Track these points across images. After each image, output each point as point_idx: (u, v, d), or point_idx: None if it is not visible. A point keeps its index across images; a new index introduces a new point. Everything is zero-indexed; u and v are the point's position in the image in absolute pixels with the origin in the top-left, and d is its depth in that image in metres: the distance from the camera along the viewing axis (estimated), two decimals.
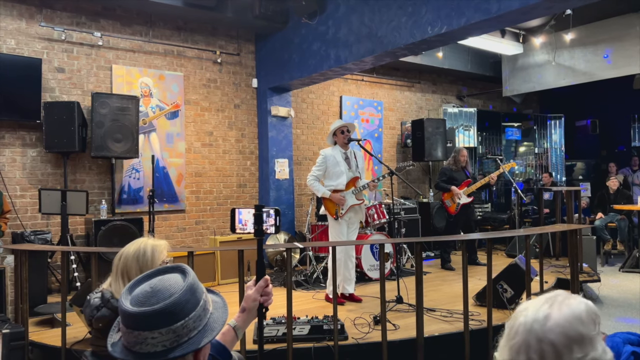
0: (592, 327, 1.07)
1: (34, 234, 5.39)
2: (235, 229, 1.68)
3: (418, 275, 3.78)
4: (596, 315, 1.10)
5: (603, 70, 8.18)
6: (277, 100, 7.53)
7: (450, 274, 6.63)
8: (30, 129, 5.84)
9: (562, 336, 1.04)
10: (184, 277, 1.09)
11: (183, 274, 1.10)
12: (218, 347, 1.47)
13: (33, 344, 4.00)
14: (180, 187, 6.94)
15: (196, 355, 1.07)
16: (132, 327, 1.02)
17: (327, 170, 5.06)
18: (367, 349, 3.82)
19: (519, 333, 1.07)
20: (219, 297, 1.21)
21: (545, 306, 1.08)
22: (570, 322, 1.05)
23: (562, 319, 1.06)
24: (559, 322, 1.05)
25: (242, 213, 1.68)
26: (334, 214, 5.01)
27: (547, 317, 1.06)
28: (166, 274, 1.10)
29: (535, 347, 1.04)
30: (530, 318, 1.07)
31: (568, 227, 5.19)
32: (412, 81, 9.52)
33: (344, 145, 5.12)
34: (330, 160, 5.04)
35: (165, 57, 6.87)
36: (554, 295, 1.13)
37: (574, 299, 1.12)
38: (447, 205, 6.90)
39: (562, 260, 7.14)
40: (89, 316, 1.96)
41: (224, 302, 1.21)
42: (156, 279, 1.08)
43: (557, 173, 10.97)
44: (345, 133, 5.11)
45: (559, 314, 1.06)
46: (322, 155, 5.10)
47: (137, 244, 1.93)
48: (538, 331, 1.05)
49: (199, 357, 1.08)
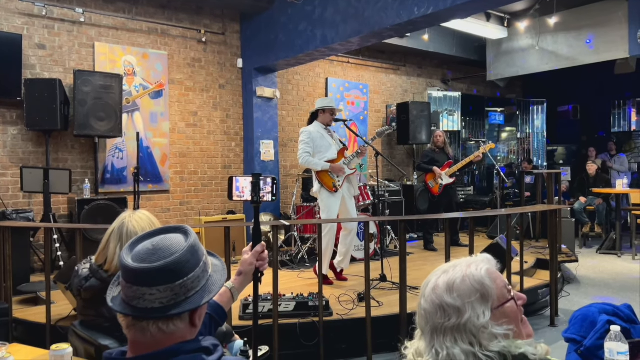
0: (471, 295, 1.11)
1: (16, 213, 5.32)
2: (233, 196, 1.71)
3: (402, 252, 3.84)
4: (482, 285, 1.12)
5: (585, 56, 8.29)
6: (262, 81, 7.48)
7: (432, 255, 6.74)
8: (11, 106, 5.73)
9: (432, 301, 1.14)
10: (185, 237, 1.11)
11: (185, 234, 1.12)
12: (215, 306, 1.51)
13: (17, 321, 3.99)
14: (164, 167, 6.89)
15: (192, 314, 1.09)
16: (132, 281, 1.04)
17: (315, 145, 4.99)
18: (352, 325, 3.89)
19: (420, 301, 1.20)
20: (218, 261, 1.24)
21: (439, 272, 1.20)
22: (445, 291, 1.14)
23: (441, 286, 1.15)
24: (438, 292, 1.15)
25: (240, 181, 1.70)
26: (332, 187, 4.97)
27: (434, 288, 1.16)
28: (169, 233, 1.12)
29: (418, 310, 1.19)
30: (430, 283, 1.19)
31: (548, 207, 5.31)
32: (398, 64, 9.53)
33: (325, 123, 5.11)
34: (316, 135, 5.00)
35: (149, 36, 6.77)
36: (463, 259, 1.21)
37: (472, 267, 1.16)
38: (430, 186, 6.99)
39: (541, 242, 7.30)
40: (77, 286, 1.97)
41: (223, 265, 1.23)
42: (158, 238, 1.10)
43: (538, 158, 11.14)
44: (332, 114, 5.11)
45: (442, 281, 1.16)
46: (307, 132, 5.02)
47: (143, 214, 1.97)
48: (423, 296, 1.18)
49: (195, 317, 1.10)
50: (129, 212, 2.01)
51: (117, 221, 1.97)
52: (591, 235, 8.42)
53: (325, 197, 5.00)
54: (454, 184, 7.02)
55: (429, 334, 1.12)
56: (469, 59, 9.85)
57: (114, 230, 1.95)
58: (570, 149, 11.52)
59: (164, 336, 1.05)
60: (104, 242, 1.96)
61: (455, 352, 1.06)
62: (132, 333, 1.06)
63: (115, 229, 1.94)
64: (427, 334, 1.13)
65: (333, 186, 4.97)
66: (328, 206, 4.97)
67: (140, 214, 2.00)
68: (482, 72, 9.97)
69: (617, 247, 7.46)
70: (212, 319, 1.51)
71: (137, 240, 1.11)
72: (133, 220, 1.95)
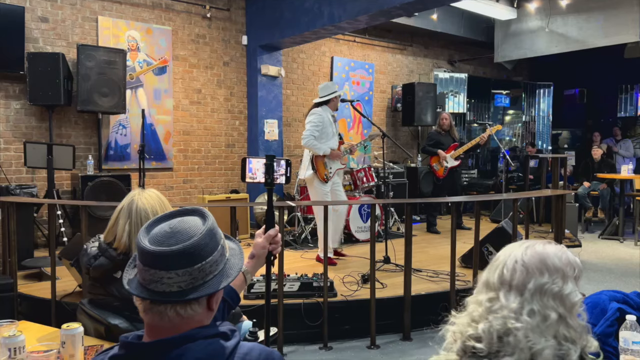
0: (570, 269, 1.12)
1: (20, 188, 5.30)
2: (246, 177, 1.68)
3: (408, 235, 3.83)
4: (577, 265, 1.15)
5: (595, 38, 8.16)
6: (267, 59, 7.38)
7: (435, 237, 6.74)
8: (14, 80, 5.67)
9: (536, 260, 1.11)
10: (203, 220, 1.08)
11: (203, 217, 1.09)
12: (229, 290, 1.50)
13: (22, 296, 4.00)
14: (168, 145, 6.85)
15: (210, 299, 1.07)
16: (149, 265, 1.01)
17: (322, 130, 4.92)
18: (356, 306, 3.90)
19: (500, 256, 1.16)
20: (235, 244, 1.21)
21: (532, 242, 1.17)
22: (549, 254, 1.12)
23: (542, 250, 1.13)
24: (539, 251, 1.13)
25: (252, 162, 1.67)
26: (324, 177, 4.98)
27: (528, 247, 1.14)
28: (186, 215, 1.09)
29: (509, 265, 1.12)
30: (515, 245, 1.17)
31: (554, 192, 5.28)
32: (404, 44, 9.40)
33: (334, 108, 5.08)
34: (325, 121, 4.93)
35: (153, 10, 6.66)
36: (543, 239, 1.19)
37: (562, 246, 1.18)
38: (435, 169, 6.94)
39: (544, 227, 7.30)
40: (86, 264, 1.95)
41: (240, 249, 1.21)
42: (176, 220, 1.07)
43: (542, 142, 11.08)
44: (337, 100, 5.09)
45: (541, 247, 1.14)
46: (320, 117, 4.91)
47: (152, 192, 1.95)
48: (517, 254, 1.13)
49: (212, 301, 1.08)
50: (138, 190, 1.98)
51: (126, 199, 1.95)
52: (594, 220, 8.40)
53: (316, 184, 5.00)
54: (459, 166, 6.98)
55: (528, 293, 1.09)
56: (477, 40, 9.71)
57: (123, 208, 1.93)
58: (575, 134, 11.45)
59: (181, 320, 1.03)
60: (113, 219, 1.94)
61: (552, 316, 1.06)
62: (149, 317, 1.04)
63: (125, 206, 1.92)
64: (521, 293, 1.09)
65: (325, 176, 4.98)
66: (320, 193, 4.98)
67: (150, 192, 1.98)
68: (489, 54, 9.84)
69: (620, 233, 7.45)
70: (225, 303, 1.50)
71: (154, 223, 1.08)
72: (142, 198, 1.93)
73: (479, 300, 1.14)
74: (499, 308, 1.09)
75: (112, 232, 1.93)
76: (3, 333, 1.51)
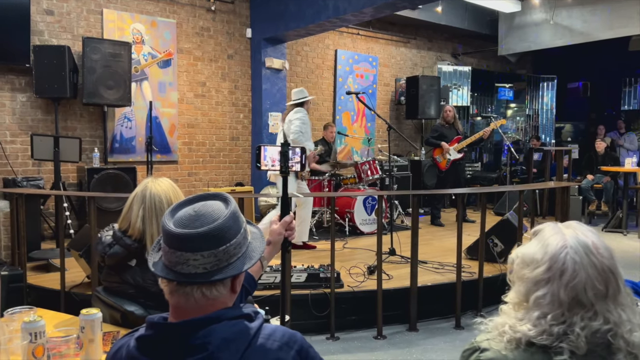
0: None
1: (26, 180, 5.33)
2: (261, 165, 1.69)
3: (414, 227, 3.85)
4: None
5: (600, 31, 8.14)
6: (271, 52, 7.38)
7: (440, 230, 6.76)
8: (20, 73, 5.68)
9: (612, 259, 1.07)
10: (226, 204, 1.10)
11: (225, 201, 1.11)
12: (247, 276, 1.52)
13: (31, 287, 4.03)
14: (172, 137, 6.86)
15: (233, 280, 1.10)
16: (175, 247, 1.03)
17: (306, 130, 5.14)
18: (362, 297, 3.93)
19: (577, 270, 1.05)
20: (256, 229, 1.23)
21: (578, 236, 1.09)
22: (605, 246, 1.08)
23: (599, 243, 1.08)
24: (600, 246, 1.08)
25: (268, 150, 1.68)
26: (301, 176, 5.26)
27: (593, 246, 1.07)
28: (208, 200, 1.11)
29: (600, 277, 1.05)
30: (580, 252, 1.06)
31: (559, 184, 5.29)
32: (408, 37, 9.39)
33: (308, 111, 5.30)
34: (308, 121, 5.18)
35: (157, 3, 6.65)
36: (568, 227, 1.14)
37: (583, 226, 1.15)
38: (438, 161, 6.95)
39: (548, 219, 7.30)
40: (101, 253, 1.97)
41: (261, 233, 1.23)
42: (199, 204, 1.10)
43: (546, 135, 11.07)
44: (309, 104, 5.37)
45: (593, 240, 1.09)
46: (306, 114, 5.16)
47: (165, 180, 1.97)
48: (596, 262, 1.05)
49: (236, 283, 1.10)
50: (151, 178, 2.01)
51: (139, 186, 1.97)
52: (597, 213, 8.41)
53: (291, 181, 5.10)
54: (462, 159, 6.98)
55: (625, 298, 1.05)
56: (481, 32, 9.69)
57: (137, 194, 1.95)
58: (578, 127, 11.44)
59: (207, 302, 1.05)
60: (127, 206, 1.96)
61: (624, 318, 1.04)
62: (175, 298, 1.06)
63: (139, 193, 1.94)
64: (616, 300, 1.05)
65: (302, 176, 5.28)
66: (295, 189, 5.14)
67: (163, 180, 2.00)
68: (493, 47, 9.82)
69: (623, 226, 7.46)
70: (244, 289, 1.52)
71: (178, 207, 1.11)
72: (156, 185, 1.96)
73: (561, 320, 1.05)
74: (601, 324, 1.03)
75: (126, 219, 1.95)
76: (23, 318, 1.54)
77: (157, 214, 1.89)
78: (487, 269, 4.35)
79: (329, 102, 8.54)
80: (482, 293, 4.10)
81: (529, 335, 1.05)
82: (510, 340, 1.07)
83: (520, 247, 1.17)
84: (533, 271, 1.09)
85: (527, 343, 1.06)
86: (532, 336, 1.04)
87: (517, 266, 1.14)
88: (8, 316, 1.70)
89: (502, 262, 4.60)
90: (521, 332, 1.05)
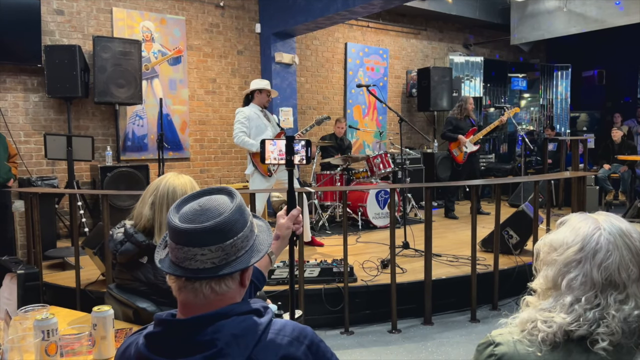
0: None
1: (41, 180, 5.38)
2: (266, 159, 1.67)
3: (427, 219, 3.81)
4: None
5: (615, 17, 7.96)
6: (281, 47, 7.35)
7: (453, 222, 6.70)
8: (32, 73, 5.72)
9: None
10: (231, 198, 1.09)
11: (230, 195, 1.10)
12: (255, 271, 1.51)
13: (47, 285, 4.07)
14: (184, 135, 6.88)
15: (242, 274, 1.08)
16: (182, 243, 1.02)
17: (251, 126, 4.87)
18: (376, 291, 3.90)
19: (610, 250, 1.03)
20: (262, 222, 1.22)
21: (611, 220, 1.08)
22: (637, 231, 1.07)
23: (632, 229, 1.07)
24: (633, 231, 1.06)
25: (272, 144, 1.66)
26: (267, 171, 4.87)
27: (626, 229, 1.06)
28: (213, 194, 1.10)
29: (634, 259, 1.03)
30: (614, 233, 1.05)
31: (575, 174, 5.21)
32: (419, 28, 9.29)
33: (261, 104, 5.00)
34: (252, 116, 4.89)
35: (166, 0, 6.66)
36: (597, 214, 1.12)
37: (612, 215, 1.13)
38: (455, 155, 6.85)
39: (564, 210, 7.21)
40: (112, 250, 1.97)
41: (268, 226, 1.22)
42: (204, 199, 1.08)
43: (561, 125, 10.90)
44: (268, 96, 5.03)
45: (626, 225, 1.07)
46: (242, 112, 4.90)
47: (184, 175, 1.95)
48: (630, 244, 1.04)
49: (245, 277, 1.09)
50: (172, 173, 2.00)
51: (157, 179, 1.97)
52: (614, 203, 8.26)
53: (257, 181, 4.90)
54: (477, 151, 6.90)
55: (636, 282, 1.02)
56: (492, 22, 9.55)
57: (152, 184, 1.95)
58: (594, 116, 11.24)
59: (216, 297, 1.04)
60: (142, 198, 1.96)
61: None
62: (183, 295, 1.05)
63: (154, 183, 1.94)
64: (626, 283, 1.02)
65: (267, 170, 4.87)
66: (259, 184, 4.89)
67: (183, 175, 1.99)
68: (505, 36, 9.67)
69: None
70: (252, 284, 1.50)
71: (182, 202, 1.09)
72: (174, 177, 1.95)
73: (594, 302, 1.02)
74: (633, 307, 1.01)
75: (139, 208, 1.95)
76: (36, 316, 1.54)
77: (169, 203, 1.86)
78: (503, 261, 4.30)
79: (339, 95, 8.50)
80: (497, 286, 4.05)
81: (564, 324, 1.01)
82: (544, 340, 1.02)
83: (547, 235, 1.14)
84: (564, 252, 1.06)
85: (565, 336, 1.01)
86: (568, 323, 1.01)
87: (544, 252, 1.11)
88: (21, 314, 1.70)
89: (517, 254, 4.54)
90: (556, 324, 1.02)
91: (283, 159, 1.65)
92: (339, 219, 6.54)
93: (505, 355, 1.06)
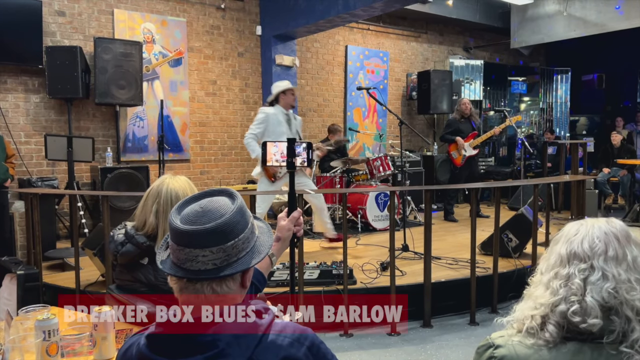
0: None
1: (41, 180, 5.39)
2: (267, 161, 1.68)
3: (427, 222, 3.82)
4: None
5: (615, 22, 7.99)
6: (281, 49, 7.37)
7: (453, 225, 6.71)
8: (33, 74, 5.73)
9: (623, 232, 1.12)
10: (232, 200, 1.10)
11: (230, 196, 1.11)
12: (255, 272, 1.51)
13: (46, 286, 4.07)
14: (184, 136, 6.89)
15: (243, 276, 1.09)
16: (183, 244, 1.03)
17: (268, 129, 4.75)
18: (375, 293, 3.90)
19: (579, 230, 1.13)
20: (263, 223, 1.23)
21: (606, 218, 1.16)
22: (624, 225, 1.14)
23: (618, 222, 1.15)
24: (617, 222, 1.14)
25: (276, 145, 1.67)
26: (272, 177, 4.81)
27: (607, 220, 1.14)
28: (213, 196, 1.10)
29: (602, 236, 1.10)
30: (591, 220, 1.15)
31: (574, 177, 5.22)
32: (419, 31, 9.31)
33: (287, 106, 4.86)
34: (272, 119, 4.76)
35: (167, 2, 6.68)
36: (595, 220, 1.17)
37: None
38: (453, 157, 6.87)
39: (563, 214, 7.21)
40: (113, 251, 1.98)
41: (268, 227, 1.23)
42: (205, 200, 1.09)
43: (560, 128, 10.92)
44: (292, 95, 4.89)
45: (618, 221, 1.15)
46: (264, 114, 4.77)
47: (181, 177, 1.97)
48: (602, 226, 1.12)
49: (245, 278, 1.10)
50: (169, 175, 2.00)
51: (156, 182, 1.97)
52: (614, 207, 8.27)
53: (263, 184, 4.85)
54: (476, 155, 6.91)
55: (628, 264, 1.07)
56: (493, 25, 9.58)
57: (152, 190, 1.95)
58: (593, 120, 11.25)
59: (217, 298, 1.05)
60: (142, 201, 1.96)
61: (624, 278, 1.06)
62: (185, 296, 1.05)
63: (154, 188, 1.94)
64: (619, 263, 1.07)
65: (273, 176, 4.81)
66: (264, 187, 4.85)
67: (180, 177, 1.99)
68: (505, 40, 9.70)
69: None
70: (253, 286, 1.51)
71: (184, 204, 1.10)
72: (173, 181, 1.96)
73: (564, 274, 1.08)
74: (599, 279, 1.05)
75: (142, 215, 1.95)
76: (37, 316, 1.54)
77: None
78: (502, 264, 4.30)
79: (339, 98, 8.51)
80: (497, 289, 4.05)
81: (548, 303, 1.06)
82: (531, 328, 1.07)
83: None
84: (551, 248, 1.17)
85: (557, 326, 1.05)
86: (550, 301, 1.06)
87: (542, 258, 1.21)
88: (22, 314, 1.71)
89: (517, 257, 4.55)
90: (543, 306, 1.07)
91: (284, 161, 1.66)
92: (338, 221, 6.54)
93: (505, 358, 1.07)
